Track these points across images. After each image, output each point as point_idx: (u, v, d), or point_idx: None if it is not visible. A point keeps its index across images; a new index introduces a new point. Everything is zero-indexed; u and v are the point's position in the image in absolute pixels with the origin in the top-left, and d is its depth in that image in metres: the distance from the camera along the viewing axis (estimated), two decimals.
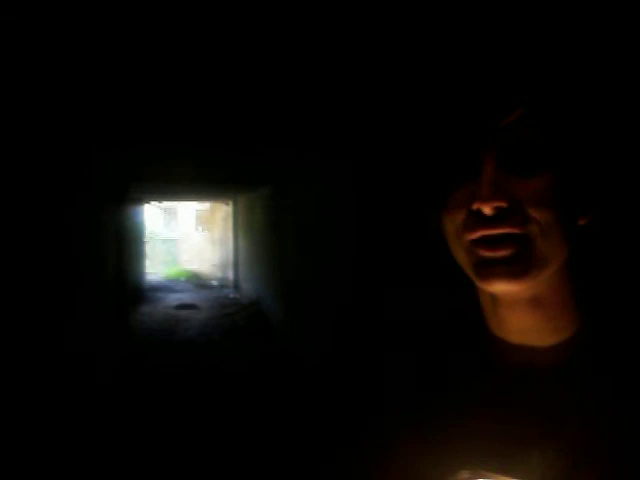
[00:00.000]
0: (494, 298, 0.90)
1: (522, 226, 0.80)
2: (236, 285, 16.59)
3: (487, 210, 0.79)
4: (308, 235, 7.77)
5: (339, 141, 5.74)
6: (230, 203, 17.11)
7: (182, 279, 19.76)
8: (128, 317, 10.55)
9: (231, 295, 15.79)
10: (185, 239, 22.74)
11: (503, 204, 0.79)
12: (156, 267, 21.14)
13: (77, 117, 4.72)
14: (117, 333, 8.31)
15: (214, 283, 18.56)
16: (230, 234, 17.25)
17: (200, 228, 21.67)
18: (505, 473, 0.85)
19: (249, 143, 6.32)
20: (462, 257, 0.87)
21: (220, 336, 10.30)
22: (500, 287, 0.83)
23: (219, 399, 6.59)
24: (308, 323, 7.87)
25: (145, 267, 16.65)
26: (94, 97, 4.17)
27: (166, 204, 21.97)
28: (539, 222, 0.80)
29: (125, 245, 10.34)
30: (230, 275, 17.40)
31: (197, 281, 19.09)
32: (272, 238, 10.98)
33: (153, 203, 18.84)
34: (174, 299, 14.77)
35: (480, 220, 0.81)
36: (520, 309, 0.89)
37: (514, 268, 0.81)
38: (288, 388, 6.91)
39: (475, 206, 0.80)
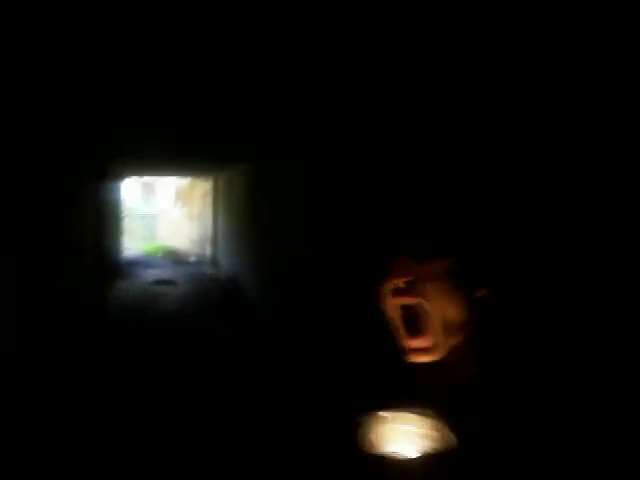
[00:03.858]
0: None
1: (420, 296, 1.40)
2: (214, 261, 16.62)
3: (400, 283, 1.37)
4: (287, 212, 7.83)
5: (314, 125, 5.82)
6: (209, 179, 17.09)
7: (160, 255, 19.73)
8: (105, 292, 10.59)
9: (209, 271, 15.83)
10: (163, 215, 22.66)
11: (410, 278, 1.35)
12: (134, 243, 21.09)
13: (54, 92, 4.72)
14: (94, 307, 8.34)
15: (192, 259, 18.57)
16: (209, 210, 17.25)
17: (179, 204, 21.61)
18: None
19: (229, 120, 6.35)
20: (394, 318, 1.43)
21: (196, 312, 10.36)
22: (420, 361, 1.42)
23: (191, 373, 6.68)
24: (284, 299, 7.97)
25: (123, 242, 16.62)
26: (71, 74, 4.19)
27: (145, 179, 21.85)
28: (432, 294, 1.39)
29: (103, 220, 10.35)
30: (208, 251, 17.42)
31: (175, 257, 19.08)
32: (251, 215, 11.03)
33: (132, 178, 18.76)
34: (151, 275, 14.78)
35: (397, 291, 1.40)
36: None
37: (431, 354, 1.41)
38: (261, 364, 7.02)
39: (391, 282, 1.37)
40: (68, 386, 5.49)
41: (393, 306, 1.39)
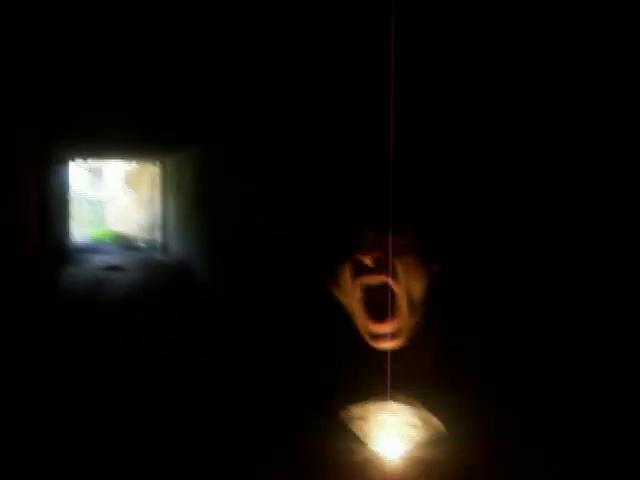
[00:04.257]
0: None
1: (389, 275, 1.28)
2: (163, 247, 16.48)
3: (368, 261, 1.28)
4: (237, 196, 7.82)
5: (262, 104, 5.81)
6: (158, 163, 16.90)
7: (108, 241, 19.48)
8: (53, 278, 10.43)
9: (158, 257, 15.70)
10: (112, 200, 22.34)
11: (379, 254, 1.26)
12: (82, 228, 20.75)
13: None
14: (41, 294, 8.23)
15: (141, 245, 18.38)
16: (158, 195, 17.07)
17: (127, 189, 21.32)
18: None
19: (175, 104, 6.30)
20: (354, 302, 1.35)
21: (146, 297, 10.29)
22: (385, 347, 1.37)
23: (139, 356, 6.66)
24: (234, 284, 7.97)
25: (70, 228, 16.34)
26: (15, 49, 4.11)
27: (92, 164, 21.51)
28: (401, 271, 1.28)
29: (49, 205, 10.17)
30: (157, 237, 17.26)
31: (124, 243, 18.86)
32: (200, 200, 10.97)
33: (79, 162, 18.43)
34: (100, 260, 14.59)
35: (364, 269, 1.27)
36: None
37: (395, 340, 1.36)
38: (209, 347, 7.04)
39: (359, 259, 1.27)
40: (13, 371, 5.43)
41: (355, 288, 1.27)
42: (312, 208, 4.76)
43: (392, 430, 1.59)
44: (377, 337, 1.28)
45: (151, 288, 11.13)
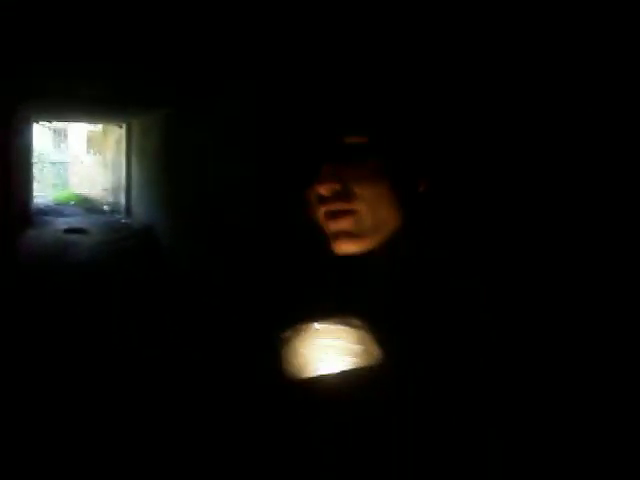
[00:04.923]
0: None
1: (350, 202, 1.18)
2: (128, 210, 16.36)
3: (323, 191, 1.17)
4: (205, 159, 7.80)
5: (235, 66, 5.78)
6: (123, 126, 16.72)
7: (72, 203, 19.29)
8: (14, 239, 10.34)
9: (122, 220, 15.60)
10: (76, 162, 22.06)
11: (336, 186, 1.16)
12: (45, 190, 20.53)
13: None
14: (2, 256, 8.17)
15: (105, 208, 18.24)
16: (123, 158, 16.89)
17: (92, 151, 21.06)
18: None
19: (140, 58, 6.21)
20: (320, 225, 1.26)
21: (110, 260, 10.26)
22: (346, 251, 1.19)
23: (103, 319, 6.68)
24: (196, 247, 8.00)
25: (33, 190, 16.14)
26: None
27: (56, 125, 21.19)
28: (365, 198, 1.17)
29: (11, 166, 10.04)
30: (122, 200, 17.12)
31: (88, 205, 18.70)
32: (167, 162, 10.90)
33: (42, 123, 18.14)
34: (63, 223, 14.47)
35: (322, 199, 1.19)
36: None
37: (352, 236, 1.18)
38: (174, 301, 7.12)
39: (316, 189, 1.18)
40: None
41: (319, 214, 1.24)
42: (277, 161, 4.79)
43: (332, 353, 1.61)
44: (337, 236, 1.24)
45: (115, 251, 11.09)
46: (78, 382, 4.91)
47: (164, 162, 11.21)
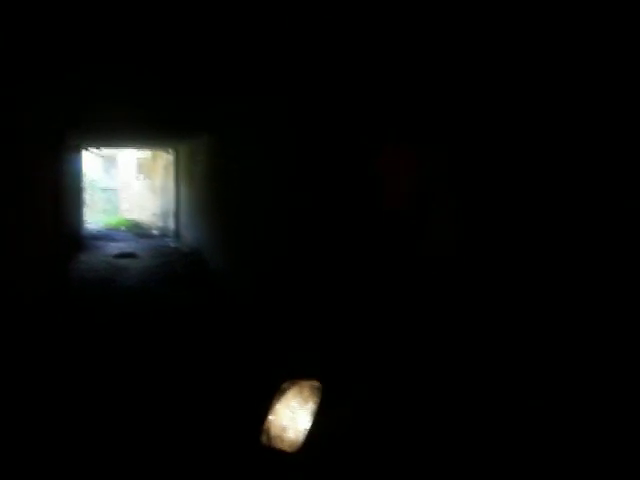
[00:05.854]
0: None
1: None
2: (177, 234, 16.52)
3: None
4: (249, 184, 7.80)
5: (275, 91, 5.78)
6: (171, 151, 16.92)
7: (122, 228, 19.55)
8: (66, 264, 10.47)
9: (171, 244, 15.74)
10: (125, 188, 22.40)
11: None
12: (96, 216, 20.87)
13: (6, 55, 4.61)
14: (55, 281, 8.26)
15: (154, 232, 18.44)
16: (171, 183, 17.09)
17: (141, 176, 21.37)
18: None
19: (187, 90, 6.27)
20: None
21: (160, 284, 10.30)
22: None
23: (153, 343, 6.68)
24: (247, 270, 7.96)
25: (84, 216, 16.42)
26: (28, 39, 4.09)
27: (106, 152, 21.57)
28: None
29: (63, 192, 10.20)
30: (171, 224, 17.30)
31: (137, 230, 18.93)
32: (214, 186, 10.96)
33: (92, 150, 18.48)
34: (114, 248, 14.65)
35: None
36: None
37: None
38: (223, 330, 7.08)
39: None
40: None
41: None
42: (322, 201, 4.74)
43: (300, 407, 1.87)
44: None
45: (164, 275, 11.15)
46: (122, 403, 4.90)
47: (211, 186, 11.27)
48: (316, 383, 1.82)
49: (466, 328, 2.64)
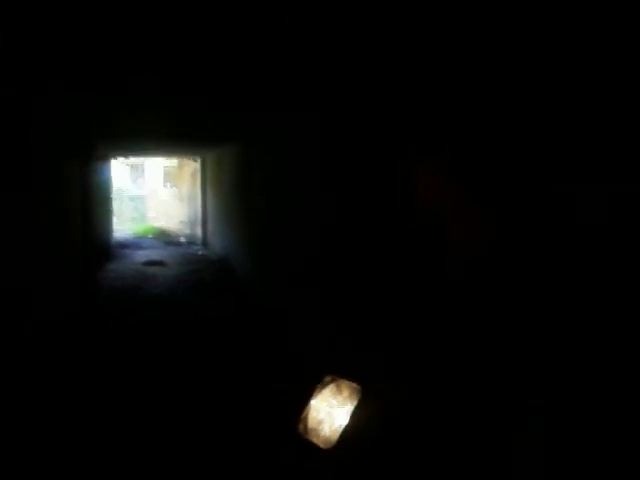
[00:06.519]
0: None
1: None
2: (204, 242, 16.56)
3: None
4: (277, 192, 7.77)
5: (304, 104, 5.75)
6: (198, 159, 16.98)
7: (150, 236, 19.64)
8: (95, 273, 10.52)
9: (199, 252, 15.77)
10: (153, 196, 22.52)
11: None
12: (124, 224, 21.00)
13: (36, 64, 4.63)
14: (84, 289, 8.29)
15: (182, 240, 18.50)
16: (198, 190, 17.15)
17: (168, 185, 21.48)
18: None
19: (216, 100, 6.26)
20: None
21: (188, 292, 10.31)
22: None
23: (182, 352, 6.68)
24: (276, 276, 7.93)
25: (112, 224, 16.52)
26: (57, 48, 4.10)
27: (133, 160, 21.72)
28: None
29: (91, 201, 10.25)
30: (198, 232, 17.35)
31: (165, 238, 19.00)
32: (241, 194, 10.95)
33: (120, 159, 18.62)
34: (142, 256, 14.71)
35: None
36: None
37: None
38: (253, 339, 7.07)
39: None
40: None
41: None
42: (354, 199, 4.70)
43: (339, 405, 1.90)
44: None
45: (192, 282, 11.16)
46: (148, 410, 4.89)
47: (238, 194, 11.27)
48: (355, 385, 1.84)
49: (501, 328, 2.61)
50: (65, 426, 4.62)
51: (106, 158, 14.48)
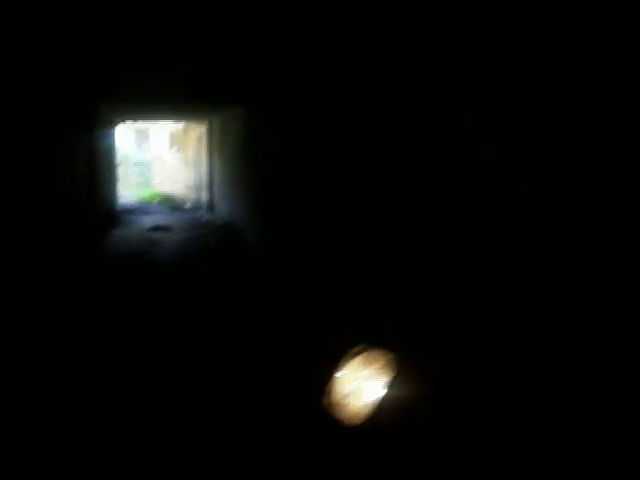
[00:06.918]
0: None
1: None
2: (210, 207, 16.51)
3: None
4: (284, 156, 7.70)
5: (307, 66, 5.66)
6: (204, 123, 16.85)
7: (155, 201, 19.59)
8: (101, 239, 10.51)
9: (205, 217, 15.73)
10: (158, 161, 22.41)
11: None
12: (129, 190, 20.93)
13: (41, 33, 4.55)
14: (89, 254, 8.28)
15: (188, 205, 18.45)
16: (204, 155, 17.05)
17: (173, 149, 21.37)
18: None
19: (222, 60, 6.16)
20: None
21: (193, 257, 10.30)
22: None
23: (187, 315, 6.69)
24: (282, 243, 7.89)
25: (118, 190, 16.47)
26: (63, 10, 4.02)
27: (138, 125, 21.58)
28: None
29: (97, 167, 10.21)
30: (204, 197, 17.29)
31: (170, 203, 18.95)
32: (247, 159, 10.87)
33: (125, 124, 18.49)
34: (147, 221, 14.68)
35: None
36: None
37: None
38: (257, 304, 7.10)
39: None
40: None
41: None
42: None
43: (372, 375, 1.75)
44: None
45: (198, 248, 11.15)
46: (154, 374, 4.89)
47: (245, 158, 11.18)
48: (390, 354, 1.65)
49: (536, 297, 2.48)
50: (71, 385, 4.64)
51: (111, 123, 14.38)
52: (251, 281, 8.34)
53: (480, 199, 2.89)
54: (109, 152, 13.95)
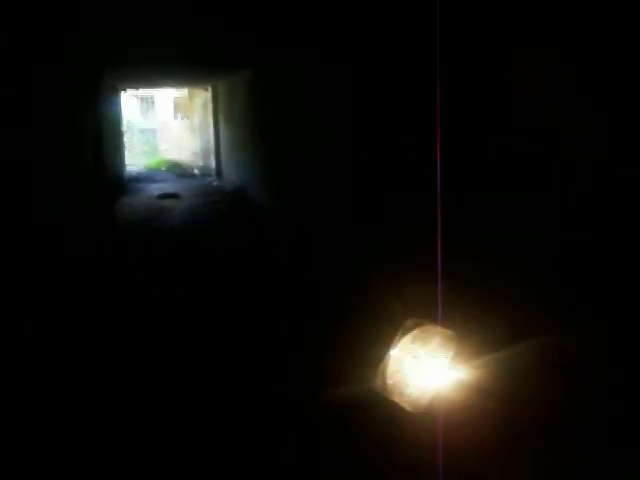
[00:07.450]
0: None
1: None
2: (218, 173, 16.37)
3: None
4: (294, 119, 7.52)
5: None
6: (209, 89, 16.64)
7: (163, 169, 19.45)
8: (109, 207, 10.41)
9: (214, 183, 15.61)
10: (164, 128, 22.25)
11: None
12: (135, 158, 20.79)
13: None
14: (99, 222, 8.19)
15: (196, 172, 18.31)
16: (210, 121, 16.86)
17: (179, 116, 21.17)
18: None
19: (228, 19, 6.00)
20: None
21: (204, 224, 10.20)
22: None
23: (198, 281, 6.66)
24: (293, 208, 7.76)
25: (125, 158, 16.33)
26: None
27: (143, 93, 21.38)
28: None
29: (103, 135, 10.06)
30: (212, 163, 17.14)
31: (178, 170, 18.82)
32: (255, 123, 10.68)
33: (129, 91, 18.30)
34: (155, 189, 14.56)
35: None
36: None
37: None
38: (268, 268, 7.08)
39: None
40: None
41: None
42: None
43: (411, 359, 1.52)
44: None
45: (208, 214, 11.04)
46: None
47: (252, 123, 11.00)
48: (449, 331, 1.41)
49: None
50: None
51: (116, 90, 14.19)
52: (262, 247, 8.22)
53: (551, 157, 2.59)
54: (115, 120, 13.79)
